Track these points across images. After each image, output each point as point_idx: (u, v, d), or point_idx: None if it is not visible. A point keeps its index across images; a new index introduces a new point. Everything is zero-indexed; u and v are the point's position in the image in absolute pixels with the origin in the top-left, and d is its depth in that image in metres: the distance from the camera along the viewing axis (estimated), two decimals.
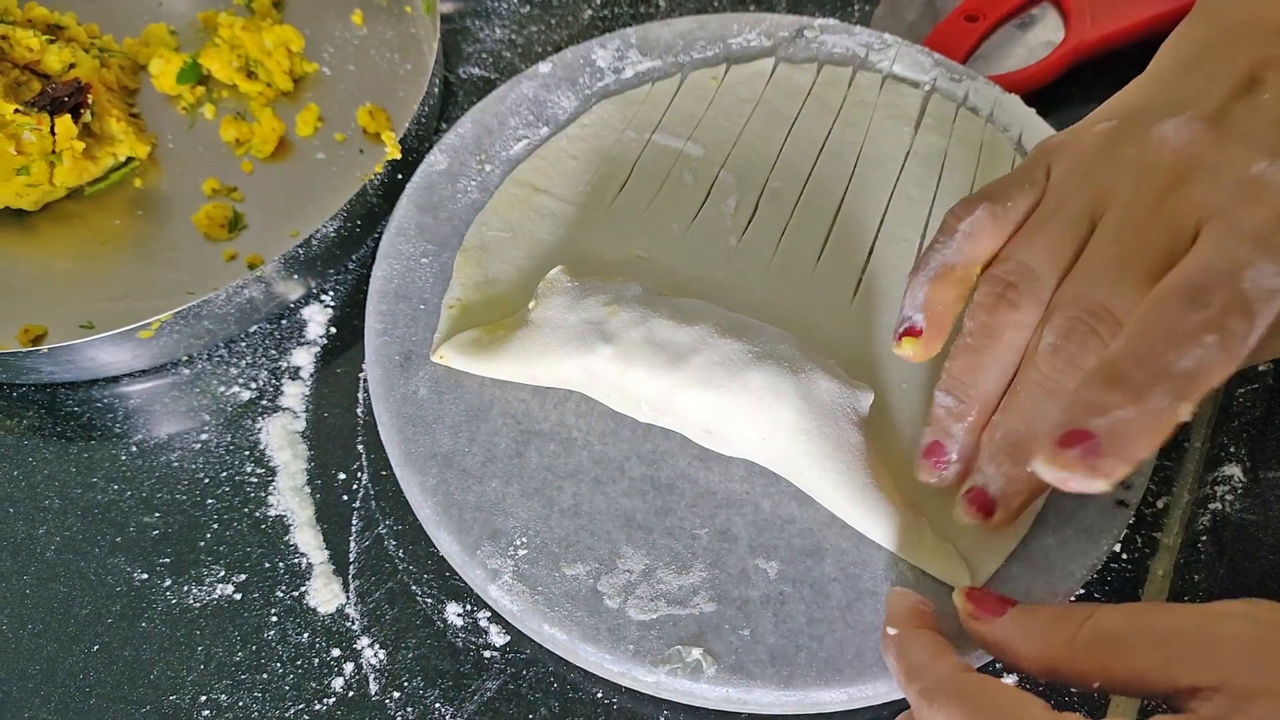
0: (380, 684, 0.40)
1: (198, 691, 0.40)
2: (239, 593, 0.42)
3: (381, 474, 0.44)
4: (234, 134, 0.54)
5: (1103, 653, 0.28)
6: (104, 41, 0.57)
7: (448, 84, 0.58)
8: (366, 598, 0.41)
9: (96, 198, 0.53)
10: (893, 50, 0.53)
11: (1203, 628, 0.26)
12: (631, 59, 0.53)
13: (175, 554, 0.43)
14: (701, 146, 0.50)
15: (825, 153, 0.50)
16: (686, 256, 0.46)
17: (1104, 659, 0.28)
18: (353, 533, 0.43)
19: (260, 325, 0.49)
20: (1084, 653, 0.28)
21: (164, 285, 0.49)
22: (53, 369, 0.46)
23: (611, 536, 0.39)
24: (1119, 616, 0.28)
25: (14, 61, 0.52)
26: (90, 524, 0.44)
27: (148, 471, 0.45)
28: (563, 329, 0.41)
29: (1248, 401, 0.46)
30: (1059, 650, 0.29)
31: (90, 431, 0.46)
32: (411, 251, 0.46)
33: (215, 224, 0.51)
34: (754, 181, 0.49)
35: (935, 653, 0.30)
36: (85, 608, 0.42)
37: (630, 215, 0.48)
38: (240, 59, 0.56)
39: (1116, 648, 0.27)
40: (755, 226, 0.47)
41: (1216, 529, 0.42)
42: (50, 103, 0.50)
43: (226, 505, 0.44)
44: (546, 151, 0.50)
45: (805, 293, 0.45)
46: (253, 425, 0.46)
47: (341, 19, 0.59)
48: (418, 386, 0.43)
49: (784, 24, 0.54)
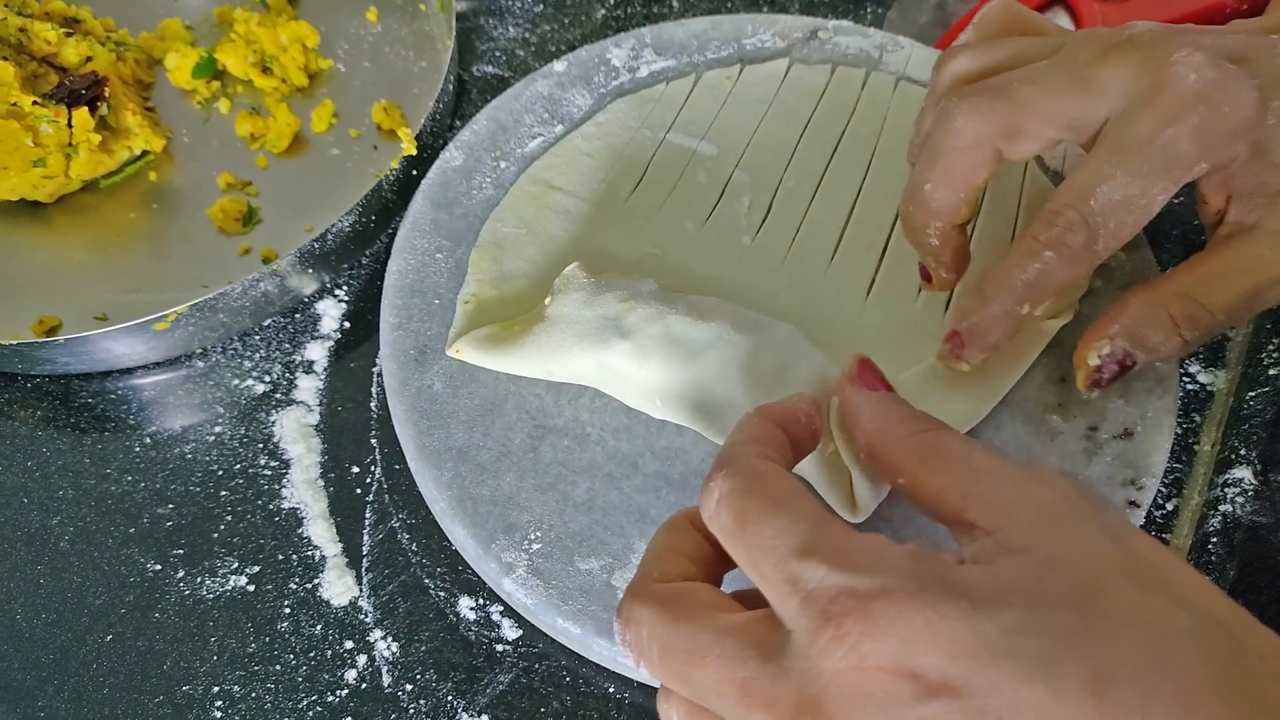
0: (393, 676, 0.40)
1: (211, 682, 0.40)
2: (252, 584, 0.42)
3: (395, 468, 0.44)
4: (249, 129, 0.54)
5: (922, 461, 0.29)
6: (120, 35, 0.58)
7: (461, 82, 0.58)
8: (380, 591, 0.42)
9: (111, 191, 0.53)
10: (906, 52, 0.53)
11: (1012, 480, 0.27)
12: (646, 58, 0.53)
13: (189, 545, 0.43)
14: (716, 146, 0.50)
15: (839, 153, 0.50)
16: (700, 255, 0.47)
17: (919, 466, 0.29)
18: (366, 526, 0.43)
19: (274, 319, 0.49)
20: (908, 453, 0.29)
21: (179, 278, 0.49)
22: (67, 360, 0.46)
23: (625, 531, 0.39)
24: (955, 440, 0.29)
25: (32, 54, 0.53)
26: (104, 515, 0.44)
27: (161, 463, 0.45)
28: (579, 324, 0.41)
29: (1258, 404, 0.46)
30: (890, 439, 0.30)
31: (104, 423, 0.46)
32: (427, 247, 0.47)
33: (230, 218, 0.51)
34: (768, 181, 0.49)
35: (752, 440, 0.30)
36: (99, 598, 0.42)
37: (645, 213, 0.48)
38: (256, 54, 0.56)
39: (936, 463, 0.28)
40: (769, 226, 0.47)
41: (1227, 531, 0.42)
42: (68, 95, 0.50)
43: (240, 497, 0.44)
44: (561, 149, 0.50)
45: (819, 292, 0.45)
46: (267, 418, 0.46)
47: (356, 16, 0.60)
48: (433, 381, 0.43)
49: (798, 25, 0.54)
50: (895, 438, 0.30)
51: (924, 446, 0.29)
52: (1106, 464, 0.41)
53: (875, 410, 0.31)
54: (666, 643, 0.27)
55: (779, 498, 0.27)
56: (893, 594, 0.24)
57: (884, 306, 0.45)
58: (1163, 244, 0.51)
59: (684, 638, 0.26)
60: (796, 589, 0.25)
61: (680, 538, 0.30)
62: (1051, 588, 0.24)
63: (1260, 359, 0.47)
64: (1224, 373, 0.47)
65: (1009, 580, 0.25)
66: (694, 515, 0.30)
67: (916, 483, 0.29)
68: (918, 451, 0.29)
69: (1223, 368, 0.47)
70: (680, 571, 0.29)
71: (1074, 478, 0.30)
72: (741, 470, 0.28)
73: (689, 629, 0.26)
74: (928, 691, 0.23)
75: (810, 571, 0.25)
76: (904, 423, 0.30)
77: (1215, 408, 0.46)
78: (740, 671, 0.25)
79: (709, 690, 0.26)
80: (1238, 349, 0.48)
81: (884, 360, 0.43)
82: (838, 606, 0.24)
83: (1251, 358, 0.47)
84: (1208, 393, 0.46)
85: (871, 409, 0.31)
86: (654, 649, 0.27)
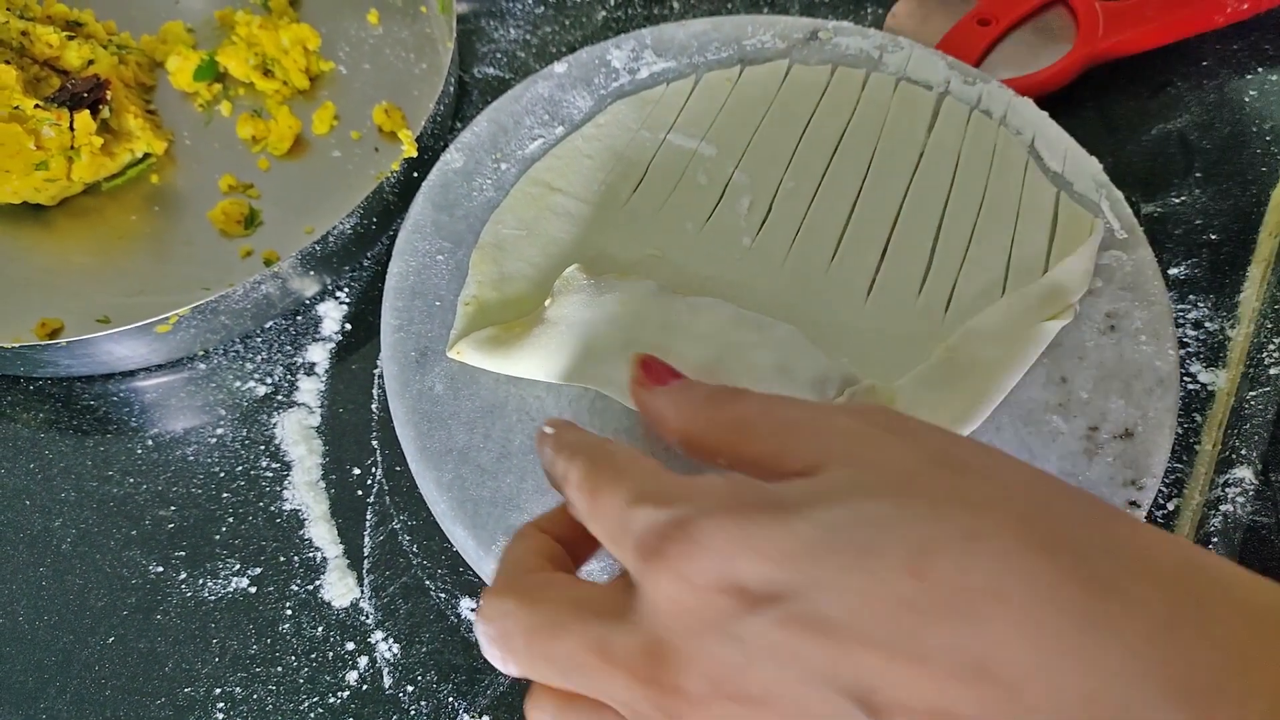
0: (394, 678, 0.40)
1: (212, 684, 0.40)
2: (254, 586, 0.42)
3: (396, 469, 0.44)
4: (250, 131, 0.55)
5: (735, 433, 0.29)
6: (121, 38, 0.58)
7: (462, 83, 0.58)
8: (381, 592, 0.42)
9: (113, 193, 0.53)
10: (906, 52, 0.53)
11: (816, 419, 0.28)
12: (646, 60, 0.53)
13: (191, 547, 0.43)
14: (716, 147, 0.50)
15: (839, 154, 0.50)
16: (700, 256, 0.47)
17: (734, 439, 0.29)
18: (367, 527, 0.43)
19: (276, 321, 0.49)
20: (720, 430, 0.29)
21: (180, 281, 0.50)
22: (70, 362, 0.46)
23: None
24: (753, 403, 0.29)
25: (34, 57, 0.53)
26: (106, 517, 0.44)
27: (163, 465, 0.45)
28: (579, 326, 0.41)
29: (1259, 404, 0.46)
30: (701, 425, 0.30)
31: (106, 425, 0.47)
32: (427, 249, 0.47)
33: (231, 220, 0.51)
34: (768, 182, 0.49)
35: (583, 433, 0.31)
36: (101, 600, 0.42)
37: (645, 215, 0.48)
38: (257, 57, 0.56)
39: (747, 430, 0.29)
40: (769, 227, 0.47)
41: (1228, 531, 0.42)
42: (70, 98, 0.50)
43: (242, 499, 0.44)
44: (562, 151, 0.50)
45: (818, 293, 0.45)
46: (268, 420, 0.46)
47: (357, 18, 0.60)
48: (433, 383, 0.43)
49: (798, 26, 0.54)
50: (703, 426, 0.30)
51: (729, 424, 0.29)
52: (1107, 464, 0.41)
53: (674, 403, 0.31)
54: (528, 625, 0.27)
55: (621, 465, 0.28)
56: (710, 513, 0.25)
57: (884, 307, 0.45)
58: (1163, 243, 0.51)
59: (543, 615, 0.27)
60: (629, 535, 0.26)
61: (531, 541, 0.30)
62: (866, 484, 0.25)
63: (1261, 359, 0.47)
64: (1225, 372, 0.47)
65: (825, 486, 0.25)
66: (540, 522, 0.31)
67: (736, 456, 0.29)
68: (726, 428, 0.29)
69: (1224, 367, 0.47)
70: (537, 567, 0.29)
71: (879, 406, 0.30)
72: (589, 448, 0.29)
73: (548, 608, 0.27)
74: (756, 601, 0.23)
75: (639, 515, 0.26)
76: (705, 404, 0.30)
77: (1216, 408, 0.46)
78: (596, 636, 0.25)
79: (572, 664, 0.26)
80: (1239, 349, 0.48)
81: (884, 361, 0.43)
82: (660, 538, 0.25)
83: (1253, 358, 0.47)
84: (1209, 393, 0.46)
85: (671, 403, 0.31)
86: (517, 636, 0.27)
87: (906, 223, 0.47)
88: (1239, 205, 0.53)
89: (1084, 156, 0.49)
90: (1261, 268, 0.50)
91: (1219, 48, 0.59)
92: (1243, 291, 0.50)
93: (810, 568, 0.23)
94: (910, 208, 0.48)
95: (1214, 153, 0.55)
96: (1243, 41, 0.59)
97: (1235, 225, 0.52)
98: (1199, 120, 0.56)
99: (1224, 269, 0.50)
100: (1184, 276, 0.50)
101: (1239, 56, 0.59)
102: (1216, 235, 0.52)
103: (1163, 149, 0.55)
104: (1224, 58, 0.59)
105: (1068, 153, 0.49)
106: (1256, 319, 0.49)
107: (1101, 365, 0.43)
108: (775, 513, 0.24)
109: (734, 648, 0.23)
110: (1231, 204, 0.53)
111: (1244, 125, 0.56)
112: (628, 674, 0.25)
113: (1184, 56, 0.58)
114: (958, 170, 0.49)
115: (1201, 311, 0.49)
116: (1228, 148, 0.55)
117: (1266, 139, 0.55)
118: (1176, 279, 0.50)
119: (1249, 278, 0.50)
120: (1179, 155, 0.55)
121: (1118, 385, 0.42)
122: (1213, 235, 0.52)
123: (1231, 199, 0.53)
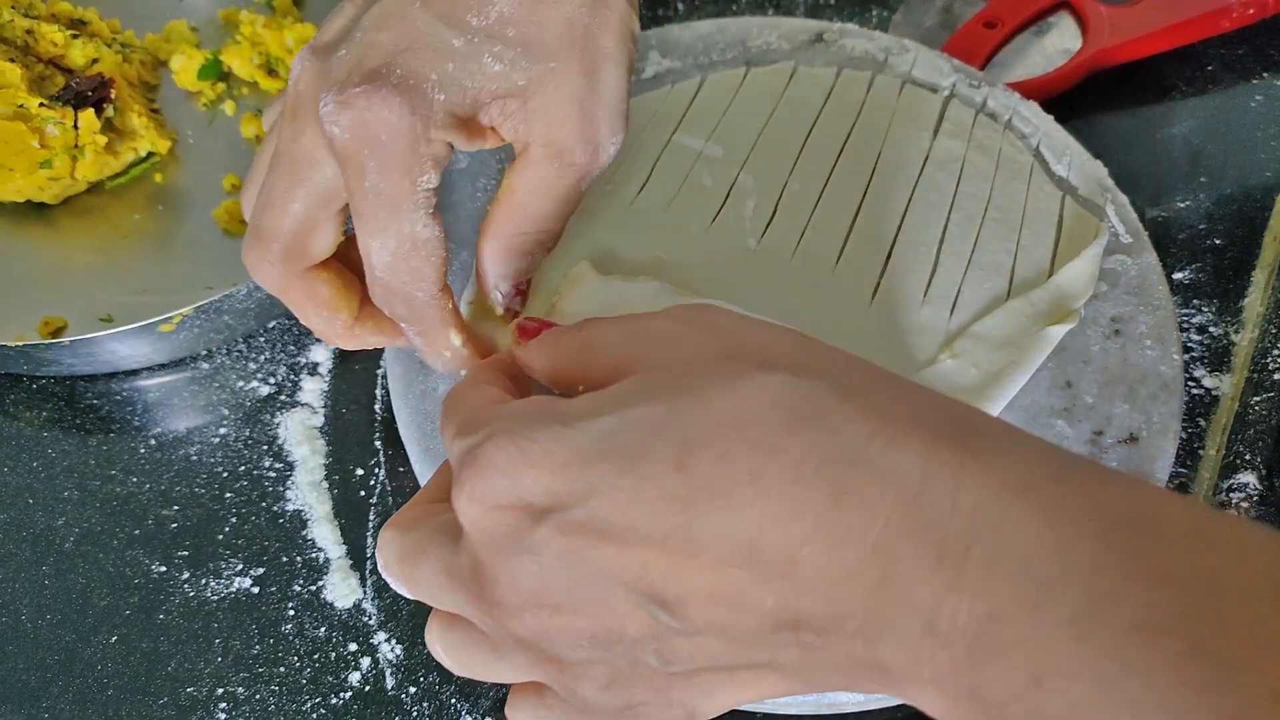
0: (397, 679, 0.40)
1: (215, 684, 0.40)
2: (256, 586, 0.42)
3: (399, 470, 0.44)
4: (254, 130, 0.55)
5: (583, 359, 0.31)
6: (125, 37, 0.58)
7: None
8: (384, 593, 0.42)
9: (117, 192, 0.53)
10: (911, 55, 0.53)
11: (635, 328, 0.30)
12: (651, 60, 0.53)
13: (193, 547, 0.43)
14: (721, 148, 0.50)
15: (844, 156, 0.50)
16: (705, 257, 0.46)
17: (583, 364, 0.31)
18: (370, 528, 0.43)
19: (279, 321, 0.49)
20: (573, 360, 0.31)
21: (184, 280, 0.49)
22: (73, 361, 0.46)
23: None
24: (594, 327, 0.31)
25: (38, 56, 0.53)
26: (109, 516, 0.44)
27: (166, 465, 0.45)
28: None
29: (1263, 409, 0.46)
30: (559, 360, 0.32)
31: (109, 424, 0.47)
32: None
33: (235, 219, 0.51)
34: (773, 183, 0.49)
35: None
36: (103, 599, 0.42)
37: (650, 215, 0.48)
38: (261, 56, 0.56)
39: (591, 354, 0.30)
40: (774, 228, 0.47)
41: None
42: (74, 97, 0.50)
43: (244, 499, 0.44)
44: None
45: (824, 294, 0.45)
46: (271, 420, 0.46)
47: None
48: (437, 383, 0.43)
49: (803, 28, 0.54)
50: (562, 361, 0.32)
51: (578, 349, 0.31)
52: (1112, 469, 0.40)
53: (538, 348, 0.33)
54: (400, 551, 0.29)
55: (456, 400, 0.30)
56: (495, 435, 0.26)
57: (889, 309, 0.45)
58: (1168, 248, 0.51)
59: (411, 542, 0.29)
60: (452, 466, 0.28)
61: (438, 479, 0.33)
62: (647, 390, 0.26)
63: (1266, 364, 0.47)
64: (1229, 377, 0.47)
65: (611, 395, 0.27)
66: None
67: (590, 379, 0.30)
68: (577, 358, 0.31)
69: (1228, 372, 0.47)
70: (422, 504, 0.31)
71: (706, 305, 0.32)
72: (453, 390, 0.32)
73: (416, 535, 0.29)
74: (540, 514, 0.25)
75: (454, 447, 0.28)
76: (560, 343, 0.32)
77: (1220, 413, 0.46)
78: (443, 560, 0.28)
79: (433, 586, 0.28)
80: (1243, 354, 0.48)
81: (889, 363, 0.43)
82: (460, 465, 0.27)
83: (1257, 362, 0.47)
84: (1213, 397, 0.46)
85: (535, 349, 0.33)
86: (394, 563, 0.30)
87: (911, 226, 0.47)
88: (1243, 210, 0.53)
89: (1089, 160, 0.49)
90: (1266, 273, 0.50)
91: (1224, 52, 0.59)
92: (1247, 296, 0.50)
93: (585, 476, 0.25)
94: (915, 211, 0.48)
95: (1219, 157, 0.55)
96: (1248, 46, 0.59)
97: (1240, 230, 0.52)
98: (1204, 125, 0.56)
99: (1228, 274, 0.50)
100: (1188, 281, 0.50)
101: (1244, 61, 0.59)
102: (1221, 240, 0.52)
103: (1167, 153, 0.55)
104: (1229, 63, 0.59)
105: (1073, 156, 0.49)
106: (1261, 324, 0.49)
107: (1106, 370, 0.43)
108: (552, 425, 0.26)
109: (529, 560, 0.25)
110: (1236, 209, 0.53)
111: (1249, 130, 0.56)
112: (465, 592, 0.27)
113: (1189, 61, 0.58)
114: (963, 173, 0.49)
115: (1206, 316, 0.49)
116: (1233, 153, 0.55)
117: (1271, 144, 0.55)
118: (1181, 283, 0.50)
119: (1253, 283, 0.50)
120: (1184, 160, 0.55)
121: (1122, 390, 0.42)
122: (1217, 240, 0.52)
123: (1236, 204, 0.53)
